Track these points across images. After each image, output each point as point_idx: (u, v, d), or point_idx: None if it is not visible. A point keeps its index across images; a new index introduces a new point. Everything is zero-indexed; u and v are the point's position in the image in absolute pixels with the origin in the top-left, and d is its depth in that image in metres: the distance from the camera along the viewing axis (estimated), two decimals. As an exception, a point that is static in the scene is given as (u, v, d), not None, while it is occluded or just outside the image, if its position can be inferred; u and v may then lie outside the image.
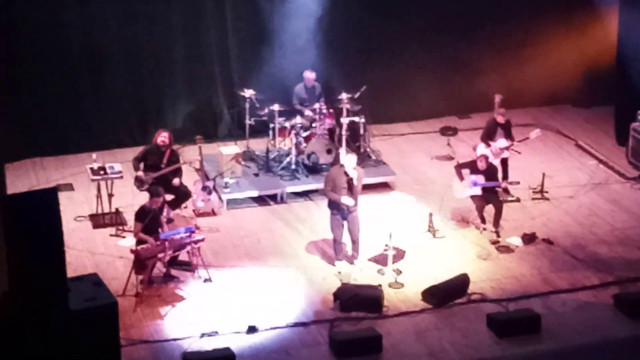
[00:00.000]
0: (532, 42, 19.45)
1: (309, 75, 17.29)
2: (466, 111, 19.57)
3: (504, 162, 16.22)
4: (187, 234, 13.69)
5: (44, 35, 17.00)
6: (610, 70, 18.80)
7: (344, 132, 16.81)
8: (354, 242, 14.22)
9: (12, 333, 10.48)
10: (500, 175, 15.72)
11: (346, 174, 13.83)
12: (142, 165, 15.26)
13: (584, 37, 19.30)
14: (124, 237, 14.96)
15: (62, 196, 14.65)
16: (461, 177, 15.23)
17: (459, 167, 15.36)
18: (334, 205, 14.01)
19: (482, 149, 16.01)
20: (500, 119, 16.21)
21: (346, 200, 13.84)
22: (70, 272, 11.36)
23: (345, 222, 14.05)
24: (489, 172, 15.16)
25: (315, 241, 15.03)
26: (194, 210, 15.64)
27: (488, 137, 16.18)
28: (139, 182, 15.15)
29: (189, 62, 17.99)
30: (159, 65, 17.84)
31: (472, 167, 15.20)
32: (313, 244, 14.97)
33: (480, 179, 15.06)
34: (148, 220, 13.58)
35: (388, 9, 18.61)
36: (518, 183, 15.61)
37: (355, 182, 13.84)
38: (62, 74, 17.33)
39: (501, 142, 16.05)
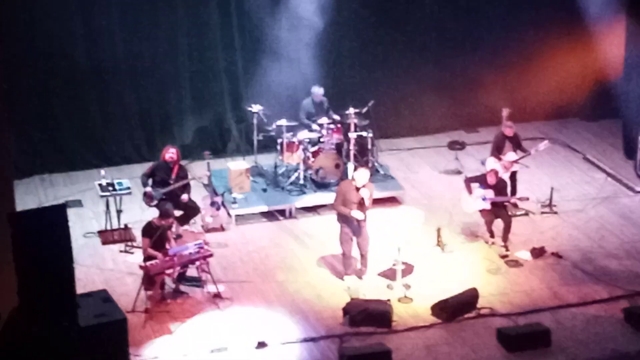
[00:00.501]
0: (539, 56, 19.44)
1: (317, 91, 17.32)
2: (474, 125, 19.56)
3: (513, 175, 16.20)
4: (196, 250, 13.70)
5: (51, 52, 17.02)
6: (618, 83, 18.79)
7: (351, 147, 16.82)
8: (363, 257, 14.22)
9: (21, 349, 10.49)
10: (509, 189, 15.71)
11: (357, 189, 13.82)
12: (150, 181, 15.27)
13: (590, 50, 19.30)
14: (132, 253, 14.96)
15: (71, 212, 14.64)
16: (470, 191, 15.23)
17: (468, 181, 15.36)
18: (344, 219, 14.01)
19: (491, 163, 16.01)
20: (509, 132, 16.21)
21: (356, 214, 13.84)
22: (80, 289, 11.39)
23: (354, 237, 14.04)
24: (498, 187, 15.15)
25: (324, 256, 15.02)
26: (202, 226, 15.65)
27: (497, 150, 16.18)
28: (148, 198, 15.17)
29: (197, 78, 18.01)
30: (166, 81, 17.86)
31: (482, 181, 15.20)
32: (322, 259, 14.96)
33: (490, 193, 15.06)
34: (156, 236, 13.60)
35: (395, 23, 18.63)
36: (527, 199, 15.60)
37: (366, 201, 13.84)
38: (69, 91, 17.35)
39: (510, 155, 16.04)
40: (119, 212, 15.44)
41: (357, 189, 13.84)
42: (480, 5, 19.01)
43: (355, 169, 16.45)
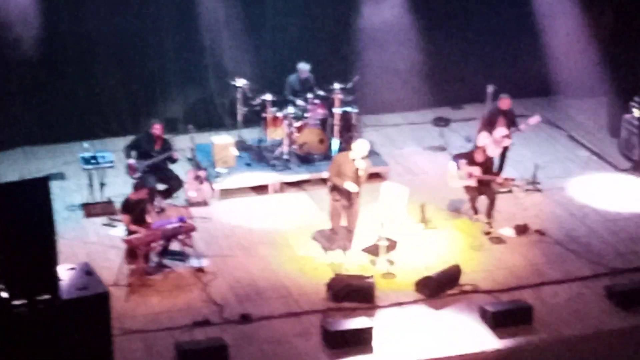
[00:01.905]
0: (525, 33, 19.41)
1: (303, 67, 17.23)
2: (459, 102, 19.54)
3: (503, 150, 16.18)
4: (179, 224, 13.66)
5: (34, 24, 16.89)
6: (603, 61, 18.80)
7: (336, 122, 16.78)
8: (350, 232, 14.19)
9: (3, 322, 10.44)
10: (496, 165, 15.71)
11: (353, 161, 13.76)
12: (134, 153, 15.21)
13: (577, 28, 19.28)
14: (115, 226, 14.91)
15: (54, 185, 14.63)
16: (458, 168, 15.19)
17: (457, 158, 15.34)
18: (336, 193, 13.96)
19: (483, 137, 15.96)
20: (504, 105, 16.14)
21: (349, 185, 13.78)
22: (62, 262, 11.32)
23: (344, 211, 14.01)
24: (486, 165, 15.14)
25: (308, 231, 15.00)
26: (186, 200, 15.61)
27: (490, 124, 16.14)
28: (131, 169, 15.11)
29: (181, 51, 17.91)
30: (151, 54, 17.76)
31: (469, 158, 15.18)
32: (305, 234, 14.94)
33: (477, 170, 15.05)
34: (138, 211, 13.55)
35: (380, 0, 18.56)
36: (513, 180, 15.62)
37: (361, 172, 13.78)
38: (53, 63, 17.25)
39: (500, 130, 16.01)
40: (102, 185, 15.38)
41: (354, 162, 13.76)
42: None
43: (340, 144, 16.46)
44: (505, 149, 16.23)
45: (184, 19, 17.73)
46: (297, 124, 16.77)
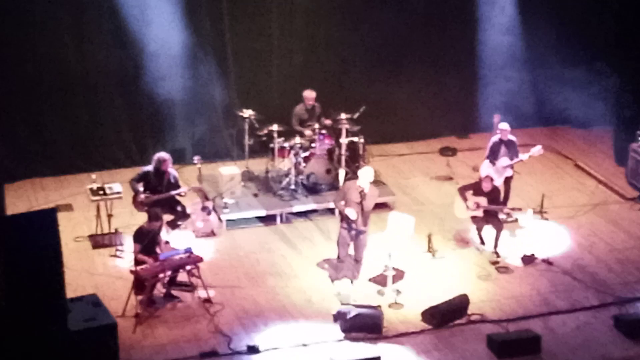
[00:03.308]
0: (531, 63, 19.48)
1: (309, 94, 17.30)
2: (465, 131, 19.59)
3: (507, 181, 16.20)
4: (186, 255, 13.69)
5: (41, 57, 17.01)
6: (609, 91, 18.84)
7: (343, 152, 16.83)
8: (357, 262, 14.20)
9: (10, 354, 10.46)
10: (502, 195, 15.72)
11: (360, 189, 13.80)
12: (140, 186, 15.24)
13: (582, 58, 19.35)
14: (122, 257, 14.93)
15: (62, 217, 14.63)
16: (465, 199, 15.22)
17: (463, 189, 15.35)
18: (344, 222, 13.99)
19: (486, 167, 15.99)
20: (504, 136, 16.19)
21: (350, 212, 13.81)
22: (70, 293, 11.37)
23: (351, 242, 14.03)
24: (492, 195, 15.16)
25: (315, 261, 15.01)
26: (193, 231, 15.63)
27: (492, 155, 16.17)
28: (139, 203, 15.15)
29: (188, 82, 17.99)
30: (157, 85, 17.83)
31: (476, 188, 15.21)
32: (312, 264, 14.95)
33: (483, 201, 15.07)
34: (147, 241, 13.59)
35: (387, 29, 18.63)
36: (520, 210, 15.62)
37: (368, 198, 13.77)
38: (60, 95, 17.34)
39: (504, 160, 16.03)
40: (109, 216, 15.42)
41: (360, 190, 13.80)
42: (470, 12, 19.00)
43: (346, 175, 16.49)
44: (509, 179, 16.22)
45: (191, 50, 17.81)
46: (304, 154, 16.82)
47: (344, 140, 16.78)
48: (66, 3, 17.03)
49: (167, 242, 14.33)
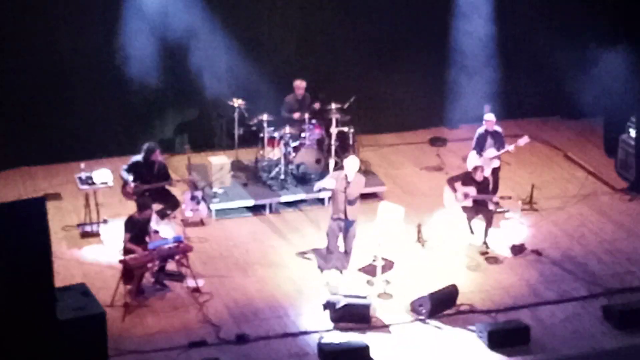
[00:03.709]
0: (522, 53, 19.49)
1: (299, 84, 17.28)
2: (456, 122, 19.58)
3: (495, 172, 16.18)
4: (176, 244, 13.67)
5: (32, 46, 16.95)
6: (599, 81, 18.84)
7: (333, 142, 16.81)
8: (347, 253, 14.19)
9: (-1, 343, 10.44)
10: (490, 185, 15.73)
11: (346, 177, 13.80)
12: (131, 176, 15.20)
13: (572, 48, 19.36)
14: (111, 246, 14.90)
15: (50, 205, 14.62)
16: (454, 190, 15.22)
17: (452, 180, 15.35)
18: (334, 211, 14.01)
19: (473, 158, 15.99)
20: (489, 127, 16.19)
21: (329, 182, 13.88)
22: (58, 282, 11.32)
23: (341, 232, 14.01)
24: (482, 185, 15.16)
25: (305, 251, 15.00)
26: (182, 220, 15.61)
27: (479, 146, 16.17)
28: (128, 194, 15.11)
29: (178, 71, 17.95)
30: (148, 74, 17.78)
31: (465, 179, 15.21)
32: (302, 254, 14.94)
33: (472, 191, 15.07)
34: (136, 230, 13.57)
35: (378, 20, 18.60)
36: (510, 198, 15.62)
37: (353, 185, 13.77)
38: (50, 83, 17.27)
39: (490, 151, 16.03)
40: (98, 205, 15.37)
41: (346, 178, 13.78)
42: (462, 2, 19.00)
43: (336, 165, 16.48)
44: (497, 169, 16.19)
45: (181, 39, 17.76)
46: (294, 144, 16.80)
47: (334, 130, 16.77)
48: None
49: (156, 232, 14.31)
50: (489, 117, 16.25)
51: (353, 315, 13.20)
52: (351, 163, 13.91)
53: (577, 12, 19.13)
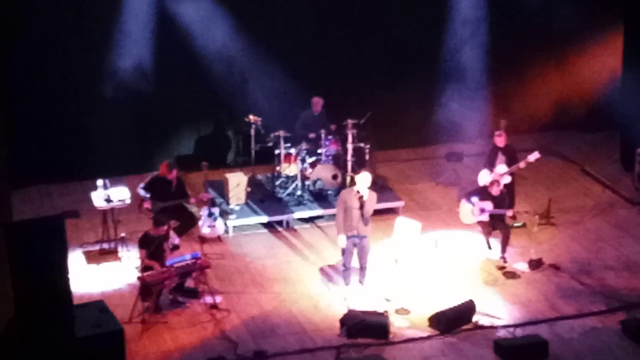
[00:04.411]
0: (537, 68, 19.49)
1: (317, 100, 17.34)
2: (472, 137, 19.56)
3: (509, 187, 16.10)
4: (193, 260, 13.69)
5: (49, 63, 17.06)
6: (616, 95, 18.82)
7: (349, 158, 16.82)
8: (362, 269, 14.18)
9: (18, 360, 10.48)
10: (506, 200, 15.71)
11: (359, 193, 13.77)
12: (148, 194, 15.24)
13: (589, 62, 19.34)
14: (129, 264, 14.94)
15: (68, 223, 14.62)
16: (471, 204, 15.18)
17: (469, 195, 15.32)
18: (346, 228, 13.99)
19: (484, 175, 15.94)
20: (499, 143, 16.16)
21: (341, 240, 13.81)
22: (76, 300, 11.37)
23: (355, 249, 14.00)
24: (498, 199, 15.13)
25: (321, 267, 15.01)
26: (199, 237, 15.63)
27: (489, 161, 16.13)
28: (145, 210, 15.16)
29: (194, 88, 18.01)
30: (164, 91, 17.86)
31: (482, 193, 15.19)
32: (319, 270, 14.95)
33: (489, 205, 15.05)
34: (153, 247, 13.59)
35: (394, 36, 18.62)
36: (527, 213, 15.57)
37: (367, 203, 13.72)
38: (66, 101, 17.37)
39: (501, 167, 15.96)
40: (115, 222, 15.42)
41: (359, 194, 13.76)
42: (474, 17, 19.00)
43: (351, 180, 16.48)
44: (509, 185, 16.04)
45: (196, 57, 17.82)
46: (310, 160, 16.82)
47: (350, 146, 16.79)
48: (74, 12, 17.07)
49: (173, 249, 14.35)
50: (499, 132, 16.22)
51: (371, 331, 13.18)
52: (363, 179, 13.85)
53: (589, 19, 19.16)
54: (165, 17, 17.43)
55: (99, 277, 14.71)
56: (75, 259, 14.75)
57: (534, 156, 15.99)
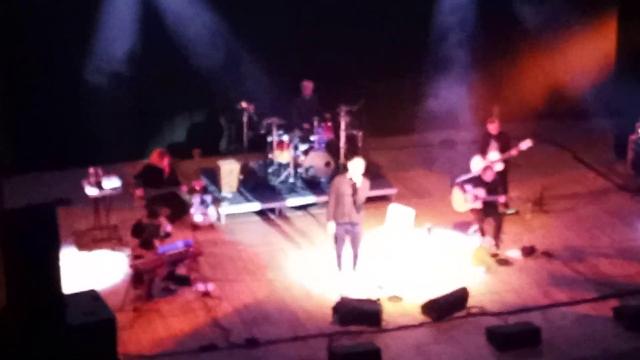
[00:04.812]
0: (531, 54, 19.48)
1: (308, 84, 17.33)
2: (465, 124, 19.55)
3: (502, 174, 16.08)
4: (185, 248, 13.67)
5: (42, 51, 17.01)
6: (609, 83, 18.82)
7: (342, 145, 16.80)
8: (355, 256, 14.16)
9: (10, 349, 10.45)
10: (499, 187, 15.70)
11: (351, 179, 13.74)
12: (141, 182, 15.23)
13: (582, 49, 19.33)
14: (121, 251, 14.92)
15: (60, 211, 14.57)
16: (464, 192, 15.19)
17: (461, 182, 15.32)
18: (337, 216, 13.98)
19: (477, 162, 15.93)
20: (492, 130, 16.15)
21: (330, 226, 13.79)
22: (68, 287, 11.33)
23: (347, 236, 13.99)
24: (491, 186, 15.13)
25: (314, 254, 15.00)
26: (192, 224, 15.62)
27: (482, 149, 16.12)
28: (138, 198, 15.14)
29: (187, 76, 17.98)
30: (156, 79, 17.82)
31: (474, 180, 15.18)
32: (311, 257, 14.94)
33: (481, 192, 15.04)
34: (145, 235, 13.58)
35: (387, 23, 18.60)
36: (519, 199, 15.57)
37: (360, 190, 13.70)
38: (59, 89, 17.32)
39: (493, 154, 15.94)
40: (108, 210, 15.40)
41: (352, 181, 13.72)
42: (466, 3, 18.97)
43: (344, 168, 16.46)
44: (502, 172, 16.03)
45: (190, 44, 17.79)
46: (303, 147, 16.80)
47: (343, 133, 16.77)
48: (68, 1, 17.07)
49: (165, 236, 14.32)
50: (492, 119, 16.21)
51: (363, 318, 13.18)
52: (356, 165, 13.79)
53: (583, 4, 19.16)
54: (157, 3, 17.37)
55: (91, 265, 14.68)
56: (67, 247, 14.71)
57: (525, 144, 15.94)
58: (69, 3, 17.10)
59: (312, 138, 16.86)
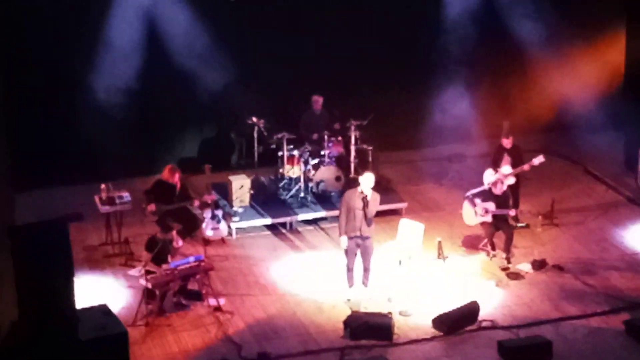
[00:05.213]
0: (541, 68, 19.48)
1: (317, 99, 17.38)
2: (475, 138, 19.56)
3: (513, 188, 16.08)
4: (196, 263, 13.70)
5: (51, 67, 17.08)
6: (618, 95, 18.81)
7: (352, 160, 16.83)
8: (366, 270, 14.17)
9: (22, 364, 10.48)
10: (510, 200, 15.69)
11: (362, 194, 13.76)
12: (153, 197, 15.26)
13: (591, 63, 19.33)
14: (133, 266, 14.96)
15: (72, 226, 14.61)
16: (474, 205, 15.19)
17: (472, 196, 15.31)
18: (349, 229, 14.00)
19: (489, 175, 15.93)
20: (506, 144, 16.17)
21: (343, 241, 13.82)
22: (80, 302, 11.36)
23: (358, 250, 14.00)
24: (501, 199, 15.14)
25: (325, 268, 15.01)
26: (203, 239, 15.65)
27: (494, 162, 16.13)
28: (149, 213, 15.19)
29: (197, 91, 18.02)
30: (167, 95, 17.88)
31: (484, 194, 15.18)
32: (322, 272, 14.95)
33: (491, 206, 15.05)
34: (157, 249, 13.61)
35: (395, 37, 18.63)
36: (529, 211, 15.57)
37: (370, 204, 13.72)
38: (70, 104, 17.38)
39: (506, 168, 15.94)
40: (119, 225, 15.44)
41: (362, 194, 13.76)
42: (479, 19, 19.01)
43: (354, 182, 16.47)
44: (514, 186, 16.01)
45: (199, 59, 17.84)
46: (313, 161, 16.83)
47: (353, 147, 16.79)
48: (78, 15, 17.11)
49: (177, 251, 14.36)
50: (506, 134, 16.24)
51: (374, 332, 13.19)
52: (367, 180, 13.85)
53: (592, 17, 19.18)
54: (167, 19, 17.44)
55: (103, 279, 14.72)
56: (79, 262, 14.74)
57: (538, 160, 15.96)
58: (81, 21, 17.15)
59: (322, 152, 16.89)
